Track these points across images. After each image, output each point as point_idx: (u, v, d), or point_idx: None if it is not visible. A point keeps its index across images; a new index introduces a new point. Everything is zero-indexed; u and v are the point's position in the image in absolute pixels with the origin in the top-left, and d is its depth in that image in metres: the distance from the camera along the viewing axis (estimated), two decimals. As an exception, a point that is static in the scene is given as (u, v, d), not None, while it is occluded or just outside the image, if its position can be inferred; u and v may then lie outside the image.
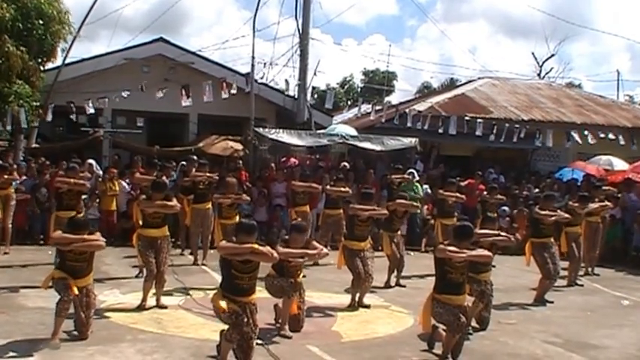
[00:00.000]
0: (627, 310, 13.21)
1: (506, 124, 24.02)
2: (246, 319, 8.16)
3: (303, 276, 10.34)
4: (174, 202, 12.05)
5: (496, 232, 11.15)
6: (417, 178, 20.02)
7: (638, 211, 18.99)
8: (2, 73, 18.79)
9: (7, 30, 18.97)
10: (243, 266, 8.25)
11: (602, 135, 24.70)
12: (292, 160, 22.36)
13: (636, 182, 20.51)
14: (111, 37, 46.38)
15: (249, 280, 8.37)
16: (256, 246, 8.22)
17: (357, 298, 12.08)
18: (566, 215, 14.07)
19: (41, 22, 19.82)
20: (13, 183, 16.60)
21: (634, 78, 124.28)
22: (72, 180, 14.10)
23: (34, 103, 20.23)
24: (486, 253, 9.43)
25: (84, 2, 24.05)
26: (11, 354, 8.54)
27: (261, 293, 9.05)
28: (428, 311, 9.03)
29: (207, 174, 16.03)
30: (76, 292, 9.08)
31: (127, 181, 18.81)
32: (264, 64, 24.85)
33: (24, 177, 18.11)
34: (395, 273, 14.28)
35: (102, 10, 34.43)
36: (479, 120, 23.88)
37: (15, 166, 17.59)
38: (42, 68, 20.74)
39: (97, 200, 18.29)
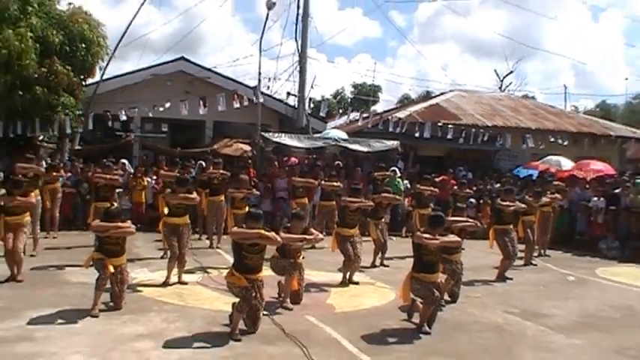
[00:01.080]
0: (572, 285, 13.27)
1: (473, 129, 24.02)
2: (254, 294, 8.20)
3: (303, 257, 10.34)
4: (194, 195, 12.12)
5: (465, 219, 11.21)
6: (399, 174, 20.02)
7: (582, 202, 19.08)
8: (52, 87, 18.81)
9: (56, 52, 19.04)
10: (252, 248, 8.31)
11: (552, 139, 24.76)
12: (293, 159, 22.33)
13: (579, 178, 20.75)
14: (140, 56, 46.82)
15: (256, 260, 8.43)
16: (262, 231, 8.27)
17: (347, 276, 12.10)
18: (523, 205, 14.14)
19: (84, 45, 19.83)
20: (60, 179, 16.67)
21: (578, 91, 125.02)
22: (107, 176, 14.17)
23: (77, 112, 20.27)
24: (456, 239, 9.46)
25: (118, 28, 24.04)
26: (59, 320, 8.64)
27: (266, 272, 9.05)
28: (407, 287, 9.04)
29: (221, 171, 16.08)
30: (112, 270, 9.15)
31: (153, 177, 18.85)
32: (269, 78, 24.90)
33: (69, 174, 18.18)
34: (379, 255, 14.28)
35: (132, 35, 34.54)
36: (450, 125, 23.88)
37: (62, 165, 17.71)
38: (84, 83, 20.73)
39: (129, 193, 18.35)
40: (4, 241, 11.06)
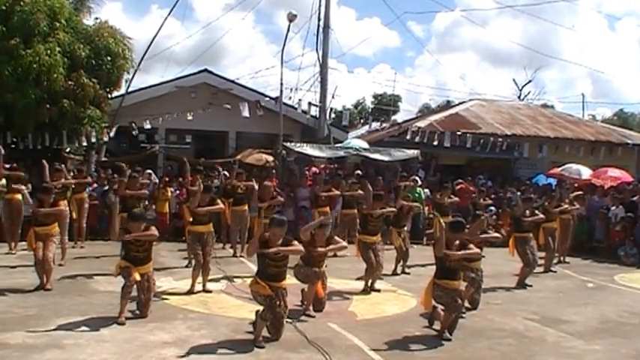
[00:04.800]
0: (591, 291, 13.24)
1: (492, 138, 23.95)
2: (278, 302, 8.22)
3: (325, 265, 10.36)
4: (219, 203, 12.25)
5: (487, 231, 11.18)
6: (420, 183, 20.00)
7: (600, 210, 19.02)
8: (78, 100, 19.07)
9: (82, 66, 19.30)
10: (275, 256, 8.34)
11: (567, 149, 24.74)
12: (314, 169, 22.38)
13: (597, 186, 20.69)
14: (165, 69, 46.90)
15: (280, 268, 8.47)
16: (282, 248, 8.36)
17: (369, 284, 12.11)
18: (542, 216, 14.12)
19: (109, 58, 20.08)
20: (87, 189, 16.80)
21: (595, 100, 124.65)
22: (132, 192, 14.21)
23: (103, 125, 20.49)
24: (475, 250, 9.42)
25: (141, 40, 24.21)
26: (87, 328, 8.70)
27: (290, 280, 9.09)
28: (429, 294, 9.05)
29: (244, 181, 16.15)
30: (138, 278, 9.20)
31: (175, 187, 18.98)
32: (291, 89, 24.93)
33: (95, 185, 18.32)
34: (401, 263, 14.32)
35: (156, 47, 34.80)
36: (469, 134, 23.82)
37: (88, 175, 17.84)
38: (109, 96, 20.97)
39: (153, 204, 18.42)
40: (35, 251, 11.17)
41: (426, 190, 20.31)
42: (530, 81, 55.00)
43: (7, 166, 15.92)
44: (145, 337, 8.43)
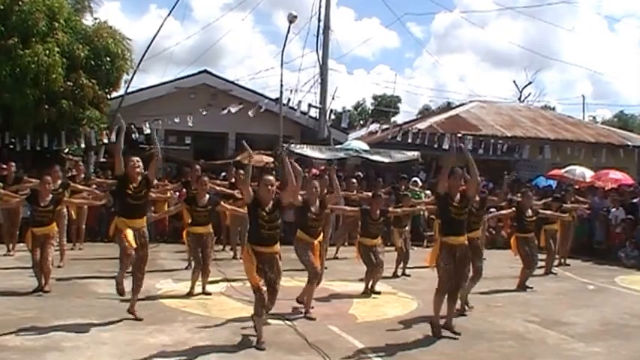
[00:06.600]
0: (592, 293, 13.28)
1: (492, 140, 23.99)
2: (266, 295, 8.16)
3: (325, 267, 10.34)
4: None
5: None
6: (420, 185, 20.01)
7: (600, 212, 19.05)
8: (77, 101, 19.09)
9: (82, 66, 19.31)
10: (268, 217, 8.38)
11: (569, 152, 24.80)
12: (314, 170, 22.38)
13: (598, 188, 20.80)
14: (164, 70, 46.74)
15: (272, 231, 8.42)
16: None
17: (369, 286, 12.12)
18: (547, 212, 14.23)
19: (108, 59, 20.07)
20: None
21: (595, 101, 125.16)
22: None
23: (102, 125, 20.47)
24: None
25: (139, 40, 24.16)
26: (86, 331, 8.65)
27: (289, 282, 9.08)
28: (435, 252, 9.09)
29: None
30: (134, 244, 9.04)
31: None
32: (290, 90, 24.94)
33: (94, 186, 18.28)
34: (401, 265, 14.33)
35: (155, 48, 34.84)
36: (469, 136, 23.84)
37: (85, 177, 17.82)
38: (108, 97, 20.97)
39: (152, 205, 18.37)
40: (33, 253, 11.15)
41: (427, 192, 20.30)
42: (530, 82, 55.33)
43: (4, 166, 15.94)
44: (144, 339, 8.40)
